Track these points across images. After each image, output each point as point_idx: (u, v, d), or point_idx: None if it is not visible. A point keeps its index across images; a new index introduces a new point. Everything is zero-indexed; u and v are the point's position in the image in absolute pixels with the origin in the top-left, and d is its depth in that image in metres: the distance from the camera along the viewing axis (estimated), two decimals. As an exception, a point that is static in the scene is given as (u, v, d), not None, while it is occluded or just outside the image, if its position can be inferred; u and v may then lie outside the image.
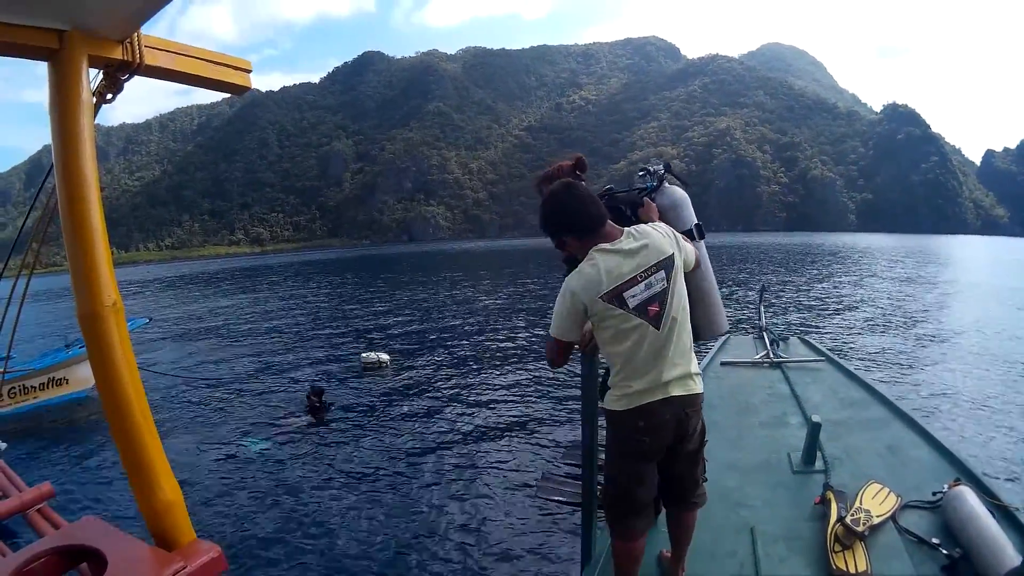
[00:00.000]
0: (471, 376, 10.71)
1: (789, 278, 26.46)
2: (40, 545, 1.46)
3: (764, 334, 6.19)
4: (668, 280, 2.08)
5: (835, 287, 22.88)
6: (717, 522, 2.80)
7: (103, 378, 1.39)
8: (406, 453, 7.04)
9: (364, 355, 11.84)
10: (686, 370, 2.13)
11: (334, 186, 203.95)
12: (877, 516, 2.55)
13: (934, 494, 2.75)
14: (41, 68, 1.41)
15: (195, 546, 1.44)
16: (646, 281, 2.05)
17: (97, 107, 1.52)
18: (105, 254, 1.37)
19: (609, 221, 2.14)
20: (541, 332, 14.34)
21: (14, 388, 8.70)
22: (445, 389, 9.85)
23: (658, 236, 2.12)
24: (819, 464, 3.30)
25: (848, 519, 2.46)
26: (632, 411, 2.09)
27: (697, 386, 2.17)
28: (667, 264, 2.09)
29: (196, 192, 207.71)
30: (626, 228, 2.15)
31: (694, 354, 2.21)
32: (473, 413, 8.49)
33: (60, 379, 9.34)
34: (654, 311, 2.05)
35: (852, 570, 2.28)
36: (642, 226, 2.16)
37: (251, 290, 34.70)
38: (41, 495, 3.33)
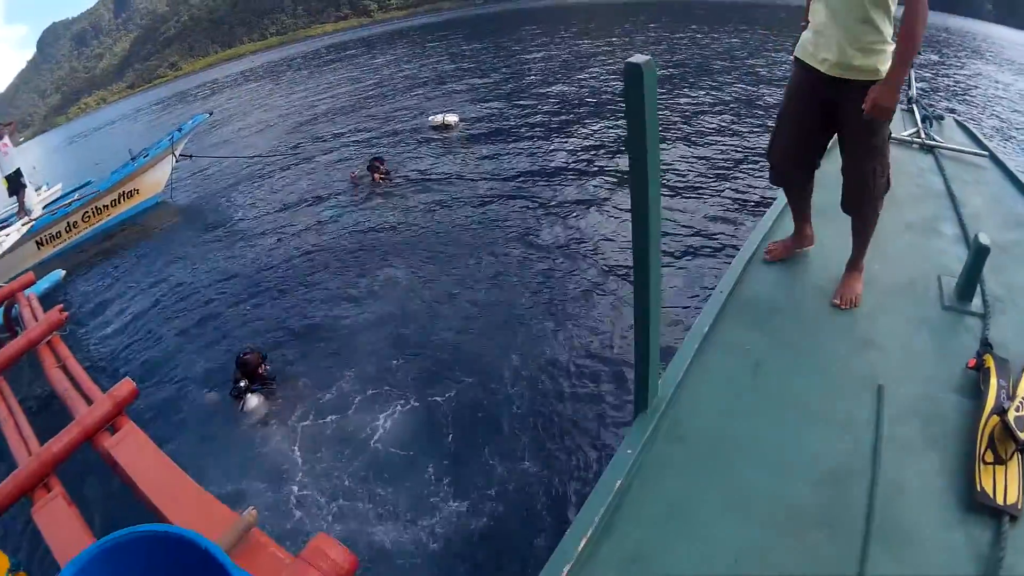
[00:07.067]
0: (546, 138, 9.42)
1: (934, 59, 17.69)
2: None
3: (914, 107, 4.51)
4: None
5: (988, 81, 15.07)
6: (837, 362, 1.94)
7: None
8: (462, 216, 6.59)
9: (431, 116, 10.92)
10: (844, 43, 1.73)
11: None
12: (1053, 411, 1.49)
13: None
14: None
15: None
16: None
17: None
18: None
19: None
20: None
21: (87, 212, 8.29)
22: (516, 153, 8.75)
23: None
24: (976, 303, 2.17)
25: (1012, 414, 1.42)
26: (795, 58, 1.95)
27: (847, 69, 1.76)
28: None
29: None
30: None
31: (872, 33, 1.71)
32: (540, 176, 7.58)
33: (130, 191, 8.86)
34: None
35: (1000, 499, 1.35)
36: None
37: (340, 65, 30.28)
38: (50, 326, 3.04)
